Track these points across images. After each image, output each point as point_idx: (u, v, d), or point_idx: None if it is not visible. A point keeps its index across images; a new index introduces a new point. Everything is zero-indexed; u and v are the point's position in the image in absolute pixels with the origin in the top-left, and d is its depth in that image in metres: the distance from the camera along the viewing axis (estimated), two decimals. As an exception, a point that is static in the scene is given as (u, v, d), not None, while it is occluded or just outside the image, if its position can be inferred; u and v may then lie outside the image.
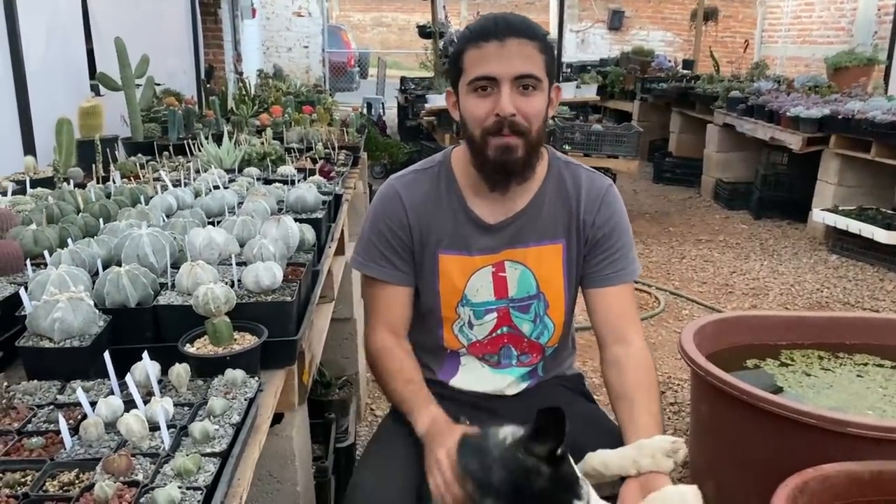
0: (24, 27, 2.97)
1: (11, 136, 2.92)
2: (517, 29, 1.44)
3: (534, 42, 1.45)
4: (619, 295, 1.61)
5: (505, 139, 1.46)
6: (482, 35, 1.44)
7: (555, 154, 1.67)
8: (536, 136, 1.49)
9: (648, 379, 1.53)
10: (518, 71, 1.43)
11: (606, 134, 5.97)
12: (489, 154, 1.48)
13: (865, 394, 2.46)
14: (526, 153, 1.48)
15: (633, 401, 1.48)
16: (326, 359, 2.67)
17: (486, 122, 1.46)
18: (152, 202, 1.89)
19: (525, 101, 1.45)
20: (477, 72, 1.45)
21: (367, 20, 24.48)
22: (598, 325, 1.62)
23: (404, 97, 10.00)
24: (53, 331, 1.20)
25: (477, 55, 1.45)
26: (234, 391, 1.16)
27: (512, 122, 1.44)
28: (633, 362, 1.54)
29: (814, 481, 1.83)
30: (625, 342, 1.57)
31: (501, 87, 1.43)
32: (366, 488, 1.41)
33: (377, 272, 1.61)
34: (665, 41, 13.95)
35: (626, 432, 1.44)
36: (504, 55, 1.42)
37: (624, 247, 1.62)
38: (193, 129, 3.46)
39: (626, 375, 1.53)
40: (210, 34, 7.96)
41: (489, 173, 1.52)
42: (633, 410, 1.47)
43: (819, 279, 4.95)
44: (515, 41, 1.43)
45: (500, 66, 1.42)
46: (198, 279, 1.33)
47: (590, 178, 1.64)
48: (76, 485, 0.95)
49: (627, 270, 1.62)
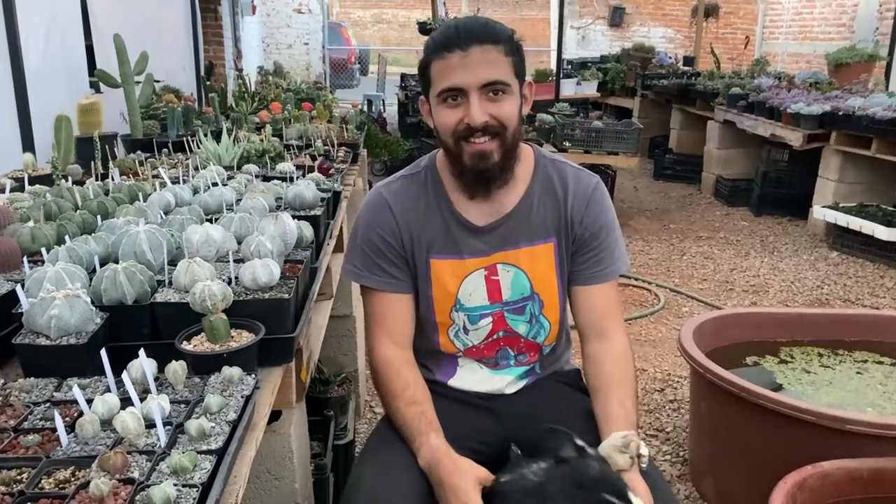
0: (24, 24, 2.97)
1: (10, 133, 2.91)
2: (479, 36, 1.43)
3: (497, 46, 1.43)
4: (603, 292, 1.62)
5: (479, 146, 1.46)
6: (445, 45, 1.43)
7: (540, 153, 1.66)
8: (512, 136, 1.49)
9: (624, 372, 1.54)
10: (484, 79, 1.42)
11: (607, 130, 5.96)
12: (465, 162, 1.48)
13: (865, 391, 2.46)
14: (502, 157, 1.48)
15: (608, 393, 1.50)
16: (325, 356, 2.67)
17: (457, 128, 1.46)
18: (150, 199, 1.88)
19: (495, 107, 1.44)
20: (444, 83, 1.44)
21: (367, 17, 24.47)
22: (581, 322, 1.63)
23: (405, 94, 9.99)
24: (50, 328, 1.20)
25: (442, 66, 1.44)
26: (231, 388, 1.16)
27: (485, 126, 1.44)
28: (611, 356, 1.56)
29: (813, 478, 1.83)
30: (605, 338, 1.59)
31: (470, 96, 1.43)
32: (367, 484, 1.40)
33: (374, 282, 1.59)
34: (666, 38, 13.92)
35: (600, 425, 1.46)
36: (468, 64, 1.41)
37: (611, 245, 1.62)
38: (192, 126, 3.45)
39: (604, 369, 1.55)
40: (210, 31, 7.95)
41: (467, 180, 1.53)
42: (607, 403, 1.48)
43: (819, 276, 4.95)
44: (478, 48, 1.42)
45: (466, 76, 1.42)
46: (195, 276, 1.33)
47: (577, 175, 1.64)
48: (72, 482, 0.95)
49: (612, 268, 1.62)
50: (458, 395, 1.64)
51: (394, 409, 1.52)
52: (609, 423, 1.44)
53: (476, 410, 1.62)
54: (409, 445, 1.46)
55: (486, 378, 1.65)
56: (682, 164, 8.15)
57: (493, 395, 1.65)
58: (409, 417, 1.48)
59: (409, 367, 1.57)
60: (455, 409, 1.56)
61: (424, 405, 1.50)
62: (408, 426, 1.47)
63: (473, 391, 1.65)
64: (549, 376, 1.71)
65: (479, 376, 1.65)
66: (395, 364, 1.56)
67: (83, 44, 3.79)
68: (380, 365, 1.58)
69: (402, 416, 1.49)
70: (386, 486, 1.38)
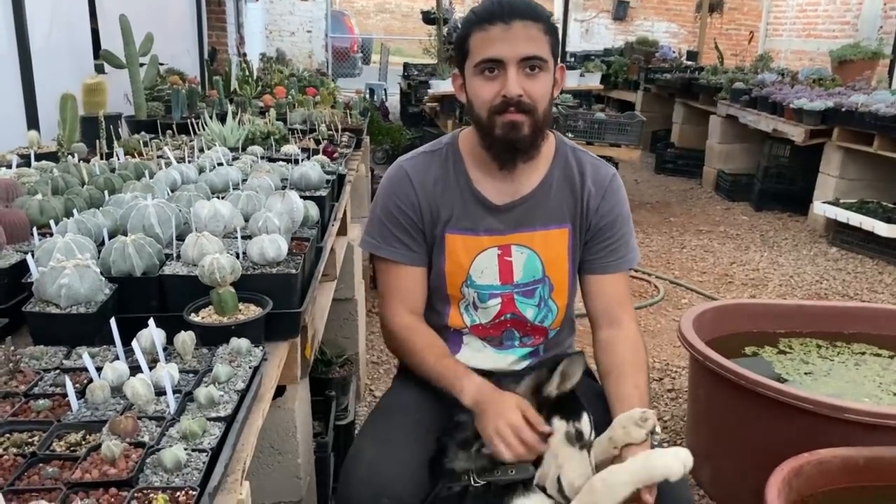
0: (30, 4, 2.97)
1: (15, 111, 2.92)
2: (522, 11, 1.45)
3: (538, 24, 1.46)
4: (616, 281, 1.65)
5: (511, 116, 1.47)
6: (487, 18, 1.46)
7: (562, 139, 1.69)
8: (542, 115, 1.51)
9: (637, 356, 1.56)
10: (524, 53, 1.44)
11: (609, 122, 5.96)
12: (497, 132, 1.50)
13: (862, 381, 2.47)
14: (532, 132, 1.50)
15: (620, 375, 1.52)
16: (327, 338, 2.69)
17: (493, 102, 1.48)
18: (157, 176, 1.89)
19: (531, 83, 1.46)
20: (483, 54, 1.46)
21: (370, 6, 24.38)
22: (594, 310, 1.66)
23: (407, 83, 9.98)
24: (60, 297, 1.21)
25: (483, 38, 1.46)
26: (239, 359, 1.18)
27: (519, 101, 1.46)
28: (624, 342, 1.58)
29: (809, 465, 1.84)
30: (617, 325, 1.61)
31: (508, 69, 1.45)
32: (367, 455, 1.43)
33: (391, 253, 1.62)
34: (670, 32, 13.89)
35: (612, 405, 1.47)
36: (509, 37, 1.44)
37: (625, 235, 1.65)
38: (197, 108, 3.46)
39: (616, 353, 1.57)
40: (213, 16, 7.93)
41: (497, 151, 1.54)
42: (619, 384, 1.50)
43: (818, 271, 4.96)
44: (520, 23, 1.44)
45: (506, 49, 1.44)
46: (203, 250, 1.34)
47: (595, 165, 1.67)
48: (83, 445, 0.96)
49: (627, 258, 1.66)
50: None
51: (426, 365, 1.55)
52: (623, 402, 1.45)
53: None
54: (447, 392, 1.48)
55: (490, 357, 1.67)
56: (684, 159, 8.15)
57: (495, 373, 1.66)
58: (444, 367, 1.52)
59: (426, 327, 1.63)
60: None
61: (452, 357, 1.56)
62: (443, 375, 1.50)
63: (477, 368, 1.66)
64: (552, 358, 1.73)
65: (483, 355, 1.67)
66: (413, 326, 1.61)
67: (88, 25, 3.79)
68: (398, 329, 1.61)
69: (435, 368, 1.53)
70: (385, 457, 1.41)
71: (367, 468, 1.40)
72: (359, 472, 1.40)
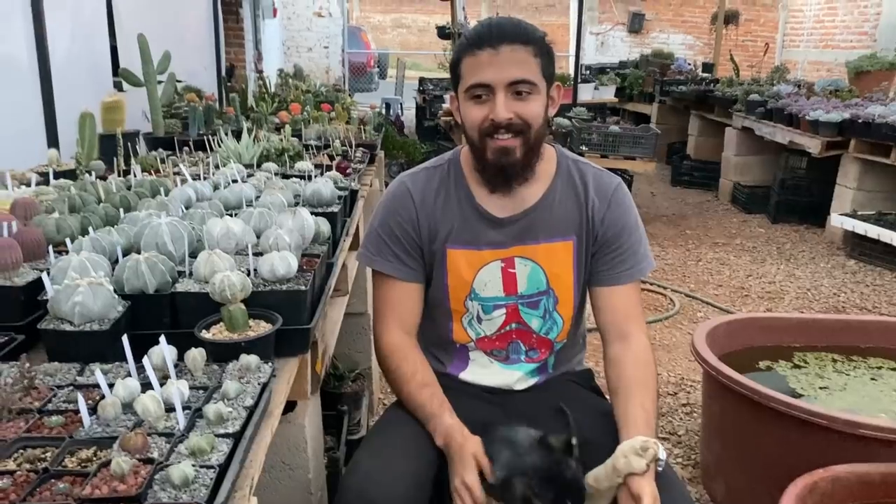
0: (50, 24, 3.03)
1: (36, 129, 2.97)
2: (510, 35, 1.47)
3: (528, 47, 1.48)
4: (625, 293, 1.63)
5: (502, 142, 1.50)
6: (477, 43, 1.48)
7: (563, 152, 1.69)
8: (535, 135, 1.52)
9: (645, 375, 1.55)
10: (511, 77, 1.46)
11: (624, 135, 5.96)
12: (488, 156, 1.52)
13: (879, 397, 2.45)
14: (524, 154, 1.52)
15: (628, 396, 1.51)
16: (340, 352, 2.70)
17: (482, 125, 1.50)
18: (172, 194, 1.92)
19: (521, 105, 1.49)
20: (472, 79, 1.49)
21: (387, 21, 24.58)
22: (603, 324, 1.64)
23: (422, 98, 10.04)
24: (74, 314, 1.23)
25: (472, 63, 1.49)
26: (248, 376, 1.19)
27: (509, 124, 1.48)
28: (632, 359, 1.56)
29: (823, 482, 1.83)
30: (627, 340, 1.59)
31: (496, 93, 1.47)
32: (362, 467, 1.44)
33: (385, 267, 1.64)
34: (685, 44, 13.87)
35: (620, 427, 1.47)
36: (497, 62, 1.46)
37: (633, 245, 1.64)
38: (213, 125, 3.50)
39: (624, 371, 1.55)
40: (231, 33, 8.02)
41: (490, 175, 1.57)
42: (628, 405, 1.49)
43: (836, 284, 4.92)
44: (509, 47, 1.46)
45: (494, 74, 1.46)
46: (215, 267, 1.36)
47: (598, 175, 1.67)
48: (94, 461, 0.98)
49: (636, 269, 1.64)
50: (468, 389, 1.67)
51: (406, 393, 1.57)
52: (629, 424, 1.45)
53: (486, 405, 1.64)
54: (423, 427, 1.51)
55: (497, 372, 1.68)
56: (700, 171, 8.12)
57: (503, 391, 1.67)
58: (423, 400, 1.53)
59: (415, 352, 1.62)
60: (465, 404, 1.58)
61: (434, 387, 1.56)
62: (422, 408, 1.52)
63: (483, 385, 1.67)
64: (561, 375, 1.73)
65: (490, 371, 1.68)
66: (402, 348, 1.61)
67: (108, 44, 3.86)
68: (388, 349, 1.62)
69: (415, 399, 1.54)
70: (378, 469, 1.41)
71: (361, 481, 1.40)
72: (353, 485, 1.41)
